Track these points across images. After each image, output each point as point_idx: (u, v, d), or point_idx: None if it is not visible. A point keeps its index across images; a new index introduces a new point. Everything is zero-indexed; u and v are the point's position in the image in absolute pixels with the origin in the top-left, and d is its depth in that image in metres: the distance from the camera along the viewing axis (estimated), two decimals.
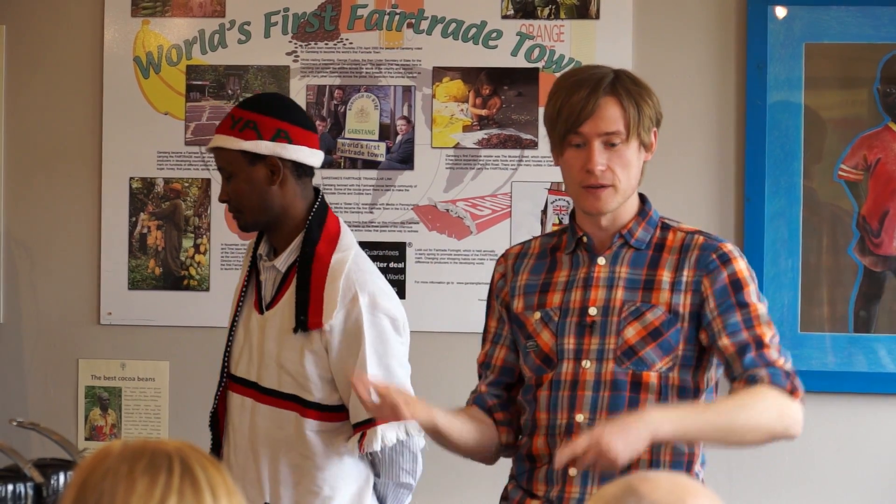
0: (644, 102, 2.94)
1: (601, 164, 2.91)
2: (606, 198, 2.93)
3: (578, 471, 2.87)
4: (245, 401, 3.55)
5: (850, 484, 4.42)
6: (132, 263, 4.71)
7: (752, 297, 2.94)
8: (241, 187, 3.50)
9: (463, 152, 4.58)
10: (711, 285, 2.93)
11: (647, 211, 3.02)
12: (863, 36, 4.40)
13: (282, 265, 3.53)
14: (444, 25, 4.60)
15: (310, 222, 3.51)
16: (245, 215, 3.52)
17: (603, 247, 3.00)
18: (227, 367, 3.59)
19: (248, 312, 3.58)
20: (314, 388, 3.48)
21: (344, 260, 3.49)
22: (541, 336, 2.99)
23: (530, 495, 2.99)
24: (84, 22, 4.74)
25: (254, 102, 3.58)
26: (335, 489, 3.51)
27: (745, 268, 2.96)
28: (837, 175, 4.42)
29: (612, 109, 2.92)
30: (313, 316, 3.45)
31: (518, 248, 3.12)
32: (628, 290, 2.95)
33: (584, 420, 2.92)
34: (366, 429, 3.45)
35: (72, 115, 4.74)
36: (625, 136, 2.92)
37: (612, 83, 2.93)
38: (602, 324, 2.94)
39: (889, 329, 4.40)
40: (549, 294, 3.01)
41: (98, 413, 4.73)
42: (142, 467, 1.73)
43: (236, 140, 3.48)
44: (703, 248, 2.96)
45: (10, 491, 3.17)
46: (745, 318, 2.92)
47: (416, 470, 3.57)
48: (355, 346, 3.45)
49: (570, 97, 2.93)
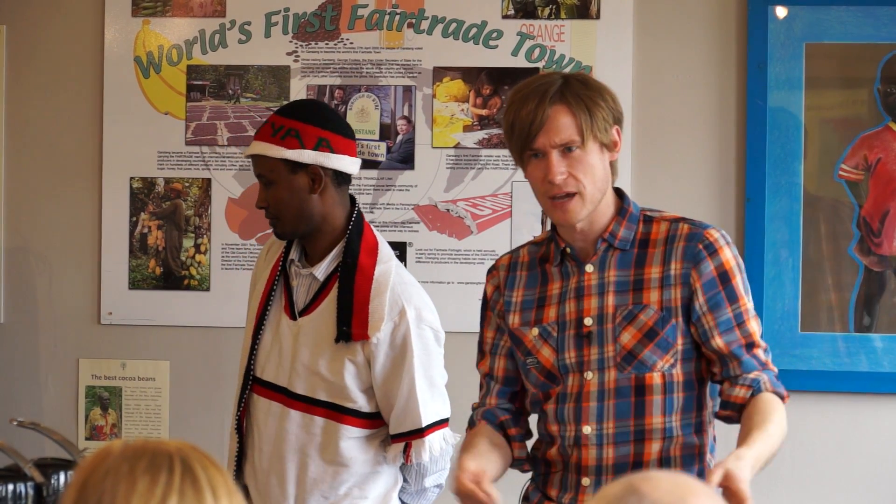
0: (595, 105, 2.89)
1: (561, 174, 2.87)
2: (574, 208, 2.90)
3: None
4: (272, 405, 3.55)
5: (850, 484, 4.42)
6: (132, 263, 4.71)
7: (741, 289, 2.93)
8: (281, 195, 3.50)
9: (463, 152, 4.59)
10: (700, 277, 2.91)
11: (626, 208, 2.99)
12: (863, 36, 4.40)
13: (321, 274, 3.53)
14: (444, 25, 4.60)
15: (350, 232, 3.52)
16: (284, 223, 3.52)
17: (588, 254, 2.98)
18: (252, 370, 3.59)
19: (276, 316, 3.58)
20: (352, 395, 3.49)
21: (388, 272, 3.51)
22: (541, 352, 2.99)
23: (547, 497, 3.01)
24: (84, 22, 4.74)
25: (295, 110, 3.57)
26: (363, 490, 3.53)
27: (731, 257, 2.93)
28: (838, 175, 4.42)
29: (563, 118, 2.87)
30: (358, 327, 3.46)
31: (507, 258, 3.10)
32: (619, 293, 2.94)
33: (592, 431, 2.93)
34: (410, 439, 3.49)
35: (72, 115, 4.74)
36: (580, 141, 2.88)
37: (559, 91, 2.89)
38: (598, 333, 2.93)
39: (889, 329, 4.40)
40: (545, 308, 3.00)
41: (98, 413, 4.73)
42: (143, 467, 1.73)
43: (278, 148, 3.49)
44: (689, 237, 2.93)
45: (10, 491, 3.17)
46: (736, 313, 2.92)
47: (447, 468, 3.61)
48: (401, 359, 3.48)
49: (519, 111, 2.89)
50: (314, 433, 3.50)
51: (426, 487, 3.61)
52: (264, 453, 3.56)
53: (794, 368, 4.36)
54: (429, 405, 3.49)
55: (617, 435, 2.92)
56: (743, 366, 2.91)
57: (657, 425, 2.91)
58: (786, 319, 4.40)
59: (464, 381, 4.35)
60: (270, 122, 3.53)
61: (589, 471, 2.93)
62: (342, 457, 3.50)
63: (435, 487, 3.63)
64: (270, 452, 3.55)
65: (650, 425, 2.91)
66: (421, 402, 3.47)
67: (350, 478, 3.52)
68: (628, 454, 2.91)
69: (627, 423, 2.92)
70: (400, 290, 3.50)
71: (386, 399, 3.50)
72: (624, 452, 2.91)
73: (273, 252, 3.66)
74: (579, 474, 2.93)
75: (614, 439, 2.92)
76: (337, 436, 3.50)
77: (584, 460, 2.93)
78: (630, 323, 2.92)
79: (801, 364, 4.41)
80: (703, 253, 2.92)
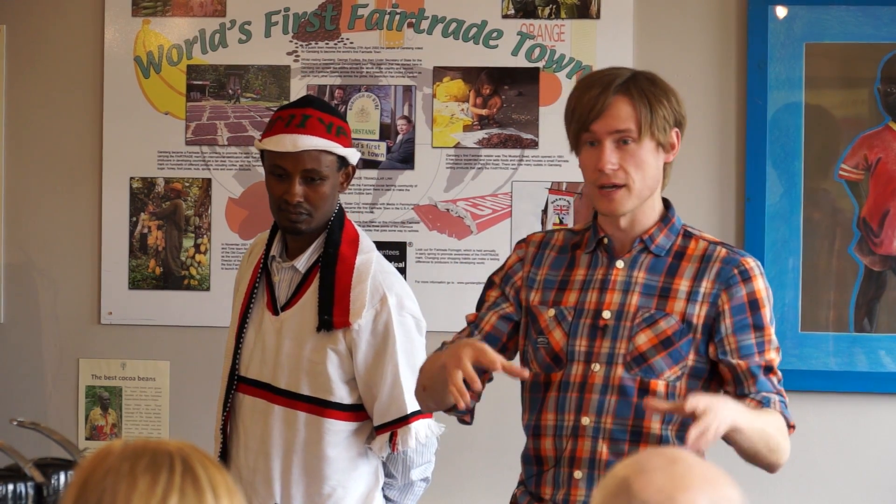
0: (658, 102, 2.92)
1: (612, 164, 2.89)
2: (620, 199, 2.91)
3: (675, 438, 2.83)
4: (257, 402, 3.56)
5: (850, 484, 4.42)
6: (133, 263, 4.71)
7: (768, 320, 2.95)
8: (326, 191, 3.51)
9: (463, 152, 4.58)
10: (729, 300, 2.92)
11: (669, 218, 3.00)
12: (863, 35, 4.40)
13: (302, 266, 3.54)
14: (444, 25, 4.60)
15: (331, 224, 3.54)
16: (317, 219, 3.52)
17: (623, 250, 2.98)
18: (237, 370, 3.59)
19: (259, 314, 3.59)
20: (334, 387, 3.50)
21: (369, 261, 3.53)
22: (553, 334, 2.98)
23: (538, 500, 2.99)
24: (84, 22, 4.74)
25: (327, 107, 3.60)
26: (347, 489, 3.53)
27: (763, 287, 2.95)
28: (838, 175, 4.42)
29: (623, 108, 2.90)
30: (339, 315, 3.47)
31: (541, 235, 3.10)
32: (644, 295, 2.94)
33: (591, 423, 2.92)
34: (395, 428, 3.48)
35: (72, 115, 4.74)
36: (636, 134, 2.89)
37: (624, 83, 2.92)
38: (615, 328, 2.93)
39: (889, 329, 4.40)
40: (566, 292, 2.99)
41: (98, 413, 4.73)
42: (143, 466, 1.73)
43: (337, 145, 3.52)
44: (726, 261, 2.94)
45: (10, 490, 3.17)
46: (758, 341, 2.93)
47: (433, 462, 3.61)
48: (383, 347, 3.49)
49: (582, 96, 2.93)
50: (297, 429, 3.51)
51: (413, 481, 3.61)
52: (250, 450, 3.56)
53: (794, 368, 4.36)
54: (413, 392, 3.49)
55: (613, 431, 2.92)
56: (758, 384, 2.92)
57: (654, 430, 2.91)
58: (786, 319, 4.40)
59: None
60: (318, 118, 3.53)
61: (582, 463, 2.92)
62: (326, 453, 3.50)
63: (421, 481, 3.63)
64: (257, 450, 3.55)
65: (647, 429, 2.91)
66: (405, 390, 3.47)
67: (334, 474, 3.52)
68: (622, 452, 2.91)
69: (625, 422, 2.92)
70: (381, 279, 3.51)
71: (369, 389, 3.50)
72: (618, 450, 2.91)
73: (255, 253, 3.67)
74: (572, 467, 2.92)
75: (610, 435, 2.92)
76: (320, 431, 3.50)
77: (579, 451, 2.93)
78: (649, 326, 2.92)
79: (801, 364, 4.41)
80: (738, 278, 2.93)
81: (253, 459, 3.56)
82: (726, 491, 1.79)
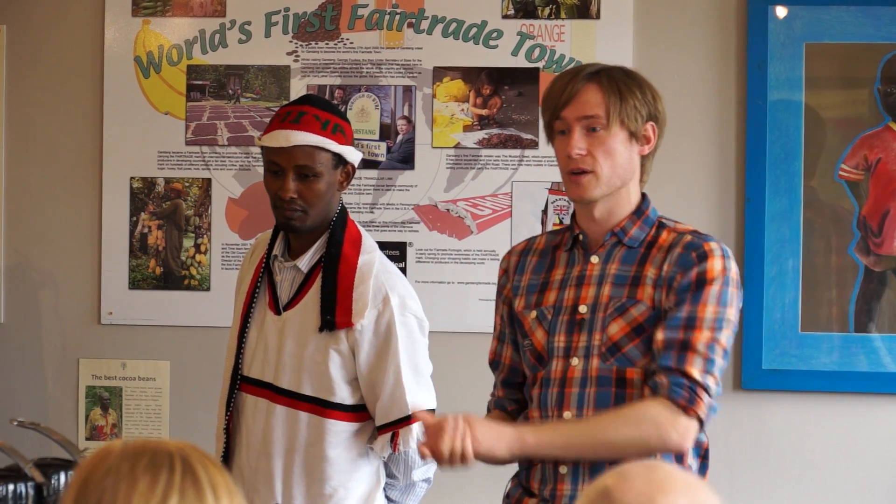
0: (629, 91, 2.94)
1: (579, 149, 2.91)
2: (587, 184, 2.93)
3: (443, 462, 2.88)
4: (259, 402, 3.56)
5: (850, 484, 4.42)
6: (133, 263, 4.71)
7: (710, 297, 2.88)
8: (320, 188, 3.51)
9: (463, 152, 4.59)
10: (680, 280, 2.89)
11: (643, 210, 3.00)
12: (863, 36, 4.40)
13: (305, 266, 3.54)
14: (444, 25, 4.60)
15: (333, 224, 3.54)
16: (311, 217, 3.52)
17: (597, 245, 3.00)
18: (240, 369, 3.59)
19: (261, 314, 3.59)
20: (336, 388, 3.50)
21: (371, 262, 3.52)
22: (535, 334, 3.00)
23: (528, 493, 3.00)
24: (84, 22, 4.74)
25: (327, 105, 3.60)
26: (348, 490, 3.53)
27: (720, 268, 2.90)
28: (838, 175, 4.42)
29: (593, 94, 2.93)
30: (342, 315, 3.47)
31: (523, 244, 3.13)
32: (616, 286, 2.94)
33: (572, 417, 2.93)
34: (397, 428, 3.48)
35: (72, 115, 4.74)
36: (605, 121, 2.91)
37: (596, 72, 2.96)
38: (590, 320, 2.94)
39: (889, 329, 4.40)
40: (546, 293, 3.02)
41: (99, 413, 4.73)
42: (143, 466, 1.73)
43: (331, 142, 3.51)
44: (687, 246, 2.92)
45: (10, 491, 3.17)
46: (689, 315, 2.87)
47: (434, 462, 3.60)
48: (385, 347, 3.48)
49: (554, 84, 2.97)
50: (299, 429, 3.51)
51: (414, 482, 3.61)
52: (252, 450, 3.56)
53: (794, 368, 4.36)
54: (415, 393, 3.49)
55: None
56: (659, 363, 2.86)
57: None
58: (786, 319, 4.40)
59: (465, 380, 4.36)
60: (314, 115, 3.53)
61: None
62: (327, 453, 3.50)
63: (423, 482, 3.63)
64: (259, 450, 3.55)
65: None
66: (407, 390, 3.48)
67: (335, 475, 3.52)
68: None
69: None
70: (384, 279, 3.51)
71: (371, 389, 3.50)
72: None
73: (257, 253, 3.67)
74: (556, 462, 2.93)
75: None
76: (322, 431, 3.50)
77: None
78: (620, 315, 2.92)
79: (801, 364, 4.41)
80: (694, 261, 2.91)
81: (255, 459, 3.56)
82: (705, 495, 1.79)
